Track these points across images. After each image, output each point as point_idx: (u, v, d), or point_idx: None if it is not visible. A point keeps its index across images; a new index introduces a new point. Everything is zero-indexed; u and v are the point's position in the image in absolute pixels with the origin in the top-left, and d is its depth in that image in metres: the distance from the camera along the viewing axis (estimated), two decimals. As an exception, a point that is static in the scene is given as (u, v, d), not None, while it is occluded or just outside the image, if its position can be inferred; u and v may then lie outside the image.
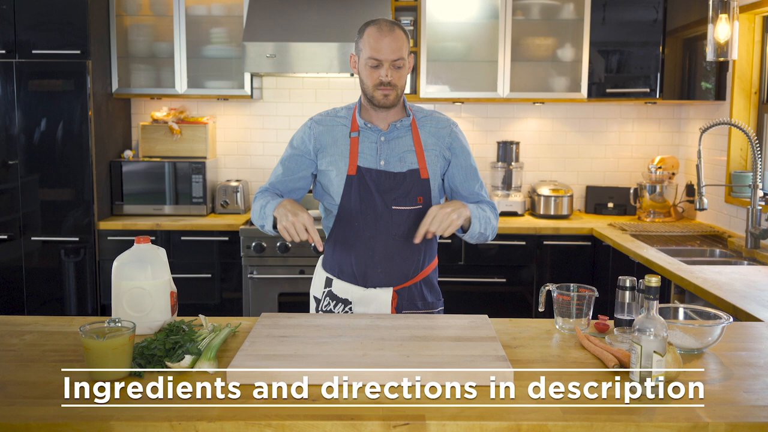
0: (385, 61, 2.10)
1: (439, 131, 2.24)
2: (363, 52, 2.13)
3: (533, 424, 1.40)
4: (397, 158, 2.18)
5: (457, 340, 1.78)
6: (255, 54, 4.02)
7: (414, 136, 2.21)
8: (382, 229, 2.17)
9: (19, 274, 4.14)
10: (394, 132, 2.20)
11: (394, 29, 2.12)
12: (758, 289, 2.62)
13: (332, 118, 2.27)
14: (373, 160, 2.18)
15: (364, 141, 2.20)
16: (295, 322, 1.94)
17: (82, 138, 4.07)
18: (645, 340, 1.52)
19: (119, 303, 1.90)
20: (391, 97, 2.15)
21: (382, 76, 2.11)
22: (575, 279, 4.15)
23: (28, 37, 4.00)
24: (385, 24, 2.13)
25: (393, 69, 2.12)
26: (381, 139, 2.20)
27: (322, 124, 2.26)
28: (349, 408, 1.45)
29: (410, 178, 2.17)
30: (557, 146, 4.74)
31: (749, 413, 1.46)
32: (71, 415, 1.42)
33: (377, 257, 2.18)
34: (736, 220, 3.86)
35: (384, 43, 2.10)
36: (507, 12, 4.31)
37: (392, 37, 2.10)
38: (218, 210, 4.45)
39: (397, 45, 2.11)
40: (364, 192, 2.17)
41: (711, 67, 4.06)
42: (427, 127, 2.24)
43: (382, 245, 2.18)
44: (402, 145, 2.20)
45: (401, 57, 2.12)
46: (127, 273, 1.91)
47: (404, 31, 2.16)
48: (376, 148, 2.19)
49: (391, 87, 2.13)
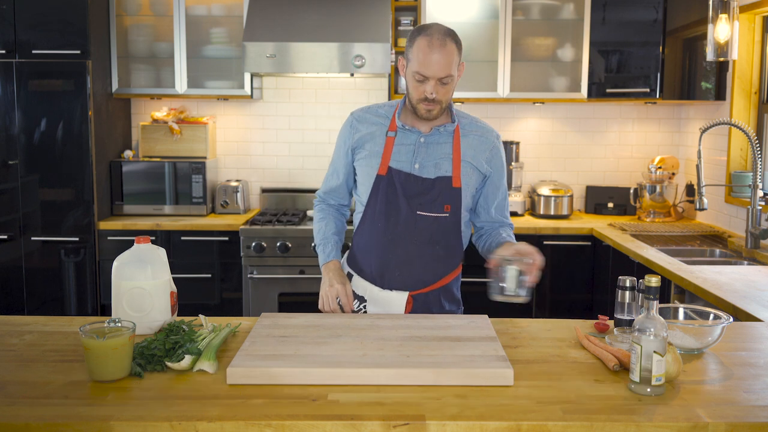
0: (431, 78, 2.04)
1: (482, 144, 2.19)
2: (411, 63, 2.06)
3: (533, 424, 1.40)
4: (433, 164, 2.15)
5: (457, 340, 1.78)
6: (255, 54, 4.02)
7: (455, 143, 2.16)
8: (405, 233, 2.15)
9: (19, 274, 4.14)
10: (435, 136, 2.16)
11: (445, 43, 2.03)
12: (758, 289, 2.62)
13: (372, 115, 2.24)
14: (407, 163, 2.15)
15: (400, 142, 2.16)
16: (295, 322, 1.94)
17: (82, 138, 4.07)
18: (645, 340, 1.52)
19: (119, 303, 1.90)
20: (435, 112, 2.10)
21: (427, 92, 2.05)
22: (575, 279, 4.16)
23: (28, 37, 3.99)
24: (437, 36, 2.03)
25: (440, 85, 2.05)
26: (420, 141, 2.16)
27: (362, 121, 2.23)
28: (349, 408, 1.45)
29: (440, 185, 2.14)
30: (557, 146, 4.74)
31: (749, 413, 1.46)
32: (71, 415, 1.42)
33: (396, 260, 2.17)
34: (736, 220, 3.86)
35: (433, 60, 2.02)
36: (507, 12, 4.31)
37: (443, 53, 2.02)
38: (218, 210, 4.45)
39: (446, 61, 2.02)
40: (391, 194, 2.14)
41: (711, 67, 4.06)
42: (470, 136, 2.19)
43: (402, 249, 2.16)
44: (440, 151, 2.15)
45: (450, 74, 2.04)
46: (127, 273, 1.91)
47: (457, 42, 2.06)
48: (413, 151, 2.15)
49: (435, 103, 2.08)
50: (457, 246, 2.22)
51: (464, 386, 1.56)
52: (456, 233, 2.20)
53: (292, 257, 4.04)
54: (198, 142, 4.48)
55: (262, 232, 4.04)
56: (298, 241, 4.04)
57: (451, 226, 2.18)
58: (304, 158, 4.74)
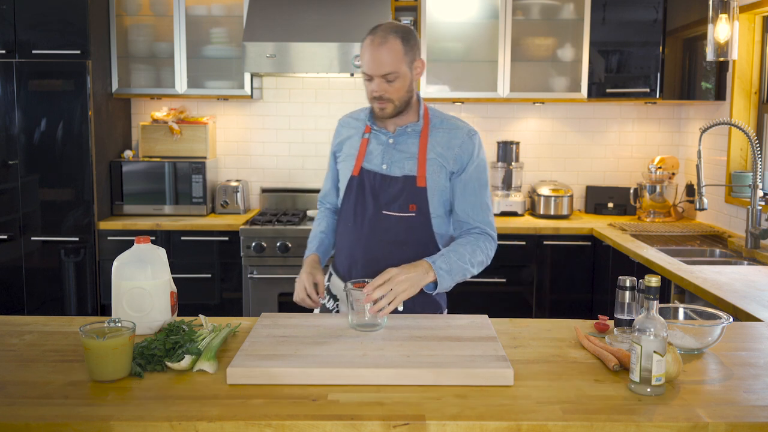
0: (374, 76, 2.04)
1: (450, 141, 2.15)
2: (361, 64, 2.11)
3: (533, 424, 1.40)
4: (399, 163, 2.15)
5: (457, 340, 1.78)
6: (255, 54, 4.02)
7: (421, 142, 2.14)
8: (370, 232, 2.15)
9: (19, 274, 4.14)
10: (402, 136, 2.16)
11: (386, 41, 2.02)
12: (758, 289, 2.62)
13: (354, 119, 2.28)
14: (377, 163, 2.17)
15: (373, 144, 2.19)
16: (295, 322, 1.94)
17: (82, 138, 4.07)
18: (645, 340, 1.52)
19: (119, 303, 1.90)
20: (388, 110, 2.09)
21: (373, 90, 2.07)
22: (575, 279, 4.16)
23: (28, 37, 3.99)
24: (379, 34, 2.03)
25: (385, 83, 2.04)
26: (389, 142, 2.17)
27: (345, 125, 2.30)
28: (349, 408, 1.45)
29: (404, 184, 2.12)
30: (557, 146, 4.74)
31: (749, 413, 1.46)
32: (71, 415, 1.42)
33: (362, 259, 2.17)
34: (736, 220, 3.86)
35: (372, 57, 2.03)
36: (507, 12, 4.31)
37: (382, 50, 2.01)
38: (218, 210, 4.45)
39: (386, 59, 2.01)
40: (360, 194, 2.16)
41: (711, 67, 4.06)
42: (438, 134, 2.16)
43: (367, 248, 2.16)
44: (406, 151, 2.15)
45: (392, 71, 2.02)
46: (127, 273, 1.91)
47: (403, 38, 2.04)
48: (382, 151, 2.17)
49: (385, 101, 2.07)
50: (430, 248, 2.14)
51: (464, 386, 1.56)
52: (427, 234, 2.14)
53: (292, 257, 4.04)
54: (198, 142, 4.47)
55: (262, 232, 4.04)
56: (298, 241, 4.04)
57: (420, 227, 2.13)
58: (304, 158, 4.74)
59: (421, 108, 2.18)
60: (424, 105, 2.21)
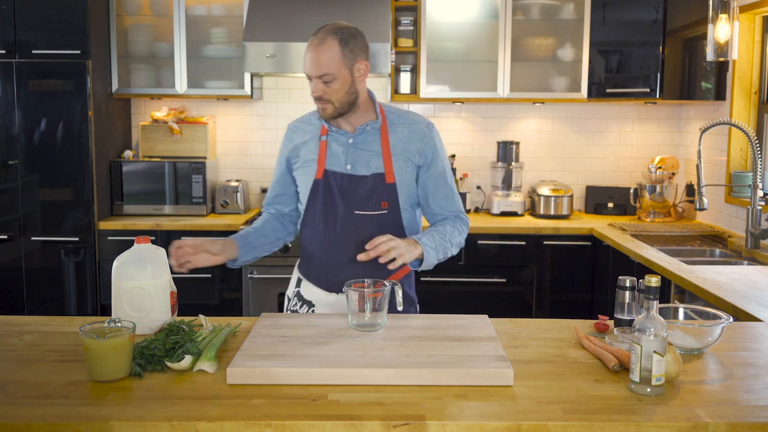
0: (312, 77, 2.06)
1: (411, 135, 2.17)
2: None
3: (533, 424, 1.40)
4: (364, 162, 2.15)
5: (457, 340, 1.78)
6: (255, 54, 4.02)
7: (383, 139, 2.15)
8: (344, 234, 2.14)
9: (19, 274, 4.14)
10: (362, 135, 2.16)
11: (323, 41, 2.03)
12: (758, 289, 2.62)
13: (305, 123, 2.26)
14: (341, 164, 2.15)
15: (332, 144, 2.17)
16: (295, 322, 1.94)
17: (82, 138, 4.07)
18: (645, 340, 1.52)
19: (119, 303, 1.90)
20: (328, 111, 2.09)
21: (312, 91, 2.08)
22: (575, 279, 4.16)
23: (28, 37, 4.00)
24: (319, 36, 2.05)
25: (321, 83, 2.05)
26: (349, 142, 2.16)
27: (296, 130, 2.27)
28: (349, 408, 1.45)
29: (374, 182, 2.13)
30: (557, 146, 4.74)
31: (749, 413, 1.46)
32: (71, 415, 1.42)
33: (339, 262, 2.15)
34: (736, 220, 3.86)
35: (308, 58, 2.04)
36: (507, 12, 4.31)
37: (318, 50, 2.03)
38: (218, 210, 4.45)
39: (320, 60, 2.02)
40: (328, 196, 2.14)
41: (711, 67, 4.06)
42: (398, 130, 2.18)
43: (343, 250, 2.14)
44: (369, 149, 2.15)
45: (327, 73, 2.03)
46: (127, 273, 1.91)
47: (341, 40, 2.04)
48: (344, 152, 2.16)
49: (324, 101, 2.08)
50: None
51: (464, 386, 1.56)
52: (398, 230, 2.16)
53: (292, 257, 4.04)
54: (198, 142, 4.48)
55: (262, 232, 4.04)
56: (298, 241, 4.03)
57: (392, 223, 2.15)
58: (304, 158, 4.74)
59: (377, 106, 2.20)
60: (378, 103, 2.22)
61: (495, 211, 4.47)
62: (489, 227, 4.14)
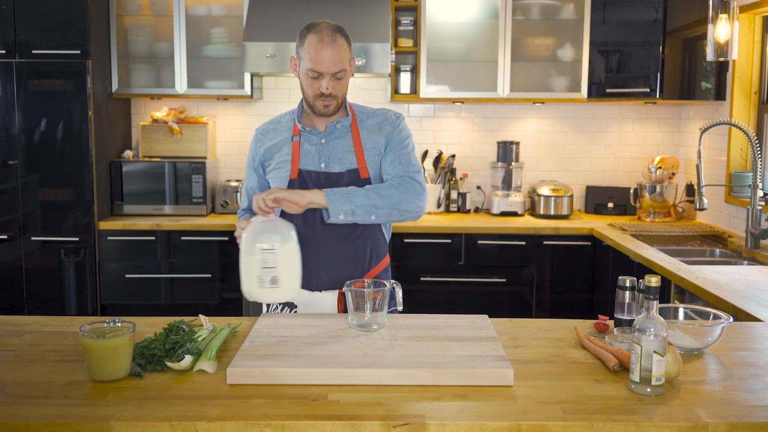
0: (326, 74, 2.07)
1: (380, 125, 2.21)
2: (303, 61, 2.09)
3: (533, 424, 1.40)
4: (337, 159, 2.17)
5: (457, 340, 1.78)
6: (255, 54, 4.02)
7: (354, 136, 2.19)
8: (324, 231, 2.15)
9: (19, 274, 4.14)
10: (333, 133, 2.19)
11: (335, 39, 2.06)
12: (758, 289, 2.62)
13: (275, 126, 2.28)
14: (314, 163, 2.17)
15: (305, 144, 2.19)
16: (295, 322, 1.94)
17: (82, 138, 4.07)
18: (645, 340, 1.52)
19: (250, 268, 1.99)
20: (332, 107, 2.13)
21: (323, 88, 2.08)
22: (575, 279, 4.16)
23: (28, 37, 3.99)
24: (327, 33, 2.07)
25: (334, 80, 2.08)
26: (321, 141, 2.18)
27: (266, 134, 2.27)
28: (349, 408, 1.45)
29: (349, 178, 2.15)
30: (557, 146, 4.74)
31: (749, 413, 1.46)
32: (71, 415, 1.42)
33: (320, 260, 2.16)
34: (736, 220, 3.86)
35: (324, 55, 2.05)
36: (507, 12, 4.31)
37: (334, 48, 2.05)
38: (218, 210, 4.45)
39: (338, 57, 2.06)
40: None
41: (711, 67, 4.06)
42: (368, 125, 2.22)
43: (324, 248, 2.16)
44: (342, 146, 2.18)
45: (342, 69, 2.08)
46: (260, 237, 1.96)
47: (346, 37, 2.10)
48: (317, 151, 2.18)
49: (331, 98, 2.11)
50: (379, 236, 2.24)
51: (464, 386, 1.56)
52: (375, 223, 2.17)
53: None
54: (198, 142, 4.48)
55: (262, 232, 4.04)
56: (298, 241, 4.04)
57: None
58: (304, 158, 4.74)
59: (347, 104, 2.23)
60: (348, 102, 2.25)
61: (495, 211, 4.48)
62: (489, 227, 4.14)
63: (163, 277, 4.17)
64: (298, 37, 2.13)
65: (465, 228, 4.12)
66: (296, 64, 2.16)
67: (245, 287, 2.03)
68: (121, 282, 4.17)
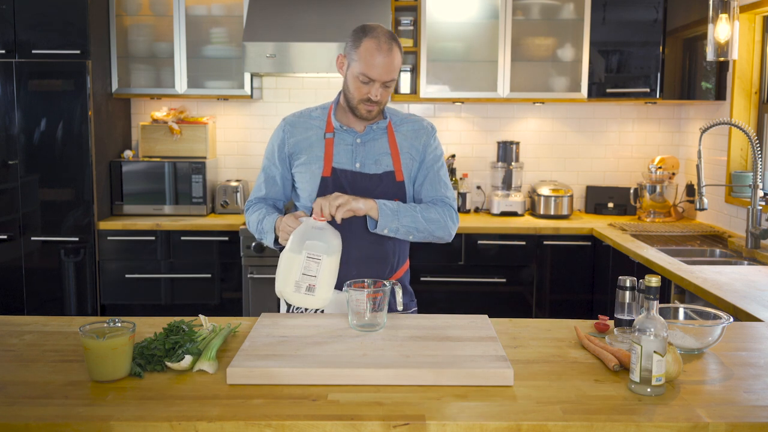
0: (377, 81, 2.06)
1: (416, 133, 2.23)
2: (355, 64, 2.06)
3: (533, 424, 1.40)
4: (373, 160, 2.17)
5: (457, 340, 1.78)
6: (255, 54, 4.02)
7: (390, 139, 2.19)
8: (357, 231, 2.15)
9: (19, 274, 4.14)
10: (370, 134, 2.18)
11: (392, 48, 2.05)
12: (758, 289, 2.61)
13: (305, 119, 2.24)
14: (349, 162, 2.16)
15: (339, 143, 2.18)
16: (295, 322, 1.94)
17: (82, 138, 4.07)
18: (645, 340, 1.52)
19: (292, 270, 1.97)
20: (375, 113, 2.13)
21: (372, 94, 2.07)
22: (575, 279, 4.16)
23: (28, 37, 3.99)
24: (385, 40, 2.05)
25: (383, 88, 2.08)
26: (357, 141, 2.18)
27: (296, 126, 2.23)
28: (349, 408, 1.45)
29: (386, 180, 2.16)
30: (557, 146, 4.74)
31: (749, 413, 1.46)
32: (71, 415, 1.42)
33: (352, 259, 2.16)
34: (736, 220, 3.86)
35: (379, 63, 2.04)
36: (507, 12, 4.31)
37: (390, 56, 2.04)
38: (218, 210, 4.45)
39: (393, 66, 2.06)
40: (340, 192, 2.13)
41: (711, 67, 4.06)
42: (403, 130, 2.22)
43: (356, 247, 2.15)
44: (378, 148, 2.18)
45: (394, 78, 2.08)
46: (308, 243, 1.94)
47: (400, 46, 2.10)
48: (352, 150, 2.17)
49: (377, 104, 2.10)
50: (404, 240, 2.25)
51: (464, 386, 1.56)
52: None
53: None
54: (198, 142, 4.48)
55: (262, 232, 4.04)
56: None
57: None
58: (304, 158, 4.74)
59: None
60: None
61: (495, 211, 4.48)
62: (489, 227, 4.14)
63: (163, 277, 4.17)
64: (352, 38, 2.09)
65: (465, 228, 4.12)
66: (343, 63, 2.12)
67: (279, 287, 2.02)
68: (121, 282, 4.17)
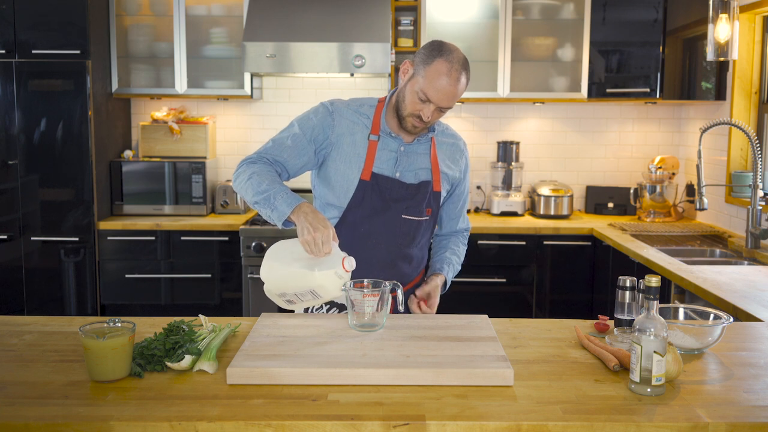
0: (434, 103, 2.01)
1: (454, 151, 2.25)
2: (420, 79, 1.99)
3: (533, 424, 1.40)
4: (413, 172, 2.16)
5: (457, 340, 1.78)
6: (255, 54, 4.02)
7: (432, 153, 2.19)
8: (389, 236, 2.16)
9: (19, 274, 4.14)
10: (415, 146, 2.17)
11: (461, 77, 1.99)
12: (758, 289, 2.61)
13: (354, 113, 2.15)
14: (389, 169, 2.14)
15: (383, 147, 2.14)
16: (295, 322, 1.94)
17: (82, 138, 4.07)
18: (645, 340, 1.52)
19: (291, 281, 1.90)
20: (419, 130, 2.11)
21: (423, 114, 2.03)
22: (575, 279, 4.16)
23: (28, 37, 3.99)
24: (457, 67, 1.98)
25: (438, 111, 2.04)
26: (401, 149, 2.15)
27: (343, 116, 2.14)
28: (349, 408, 1.45)
29: (423, 190, 2.17)
30: (557, 146, 4.74)
31: (749, 413, 1.46)
32: (71, 415, 1.42)
33: (380, 264, 2.16)
34: (736, 220, 3.86)
35: (444, 86, 1.97)
36: (507, 12, 4.31)
37: (456, 86, 1.99)
38: (218, 210, 4.45)
39: (455, 94, 2.00)
40: (377, 199, 2.12)
41: (711, 67, 4.06)
42: (443, 144, 2.23)
43: (386, 252, 2.16)
44: (419, 160, 2.17)
45: (451, 106, 2.05)
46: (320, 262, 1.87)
47: (469, 75, 2.04)
48: (395, 158, 2.15)
49: (425, 123, 2.07)
50: (426, 246, 2.31)
51: (464, 386, 1.56)
52: (429, 234, 2.29)
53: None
54: (198, 142, 4.48)
55: (262, 232, 4.04)
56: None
57: (428, 228, 2.26)
58: (304, 158, 4.74)
59: None
60: None
61: (495, 211, 4.48)
62: (489, 227, 4.14)
63: (163, 277, 4.17)
64: (425, 51, 2.02)
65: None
66: (408, 71, 2.05)
67: (268, 286, 1.98)
68: (121, 282, 4.17)
